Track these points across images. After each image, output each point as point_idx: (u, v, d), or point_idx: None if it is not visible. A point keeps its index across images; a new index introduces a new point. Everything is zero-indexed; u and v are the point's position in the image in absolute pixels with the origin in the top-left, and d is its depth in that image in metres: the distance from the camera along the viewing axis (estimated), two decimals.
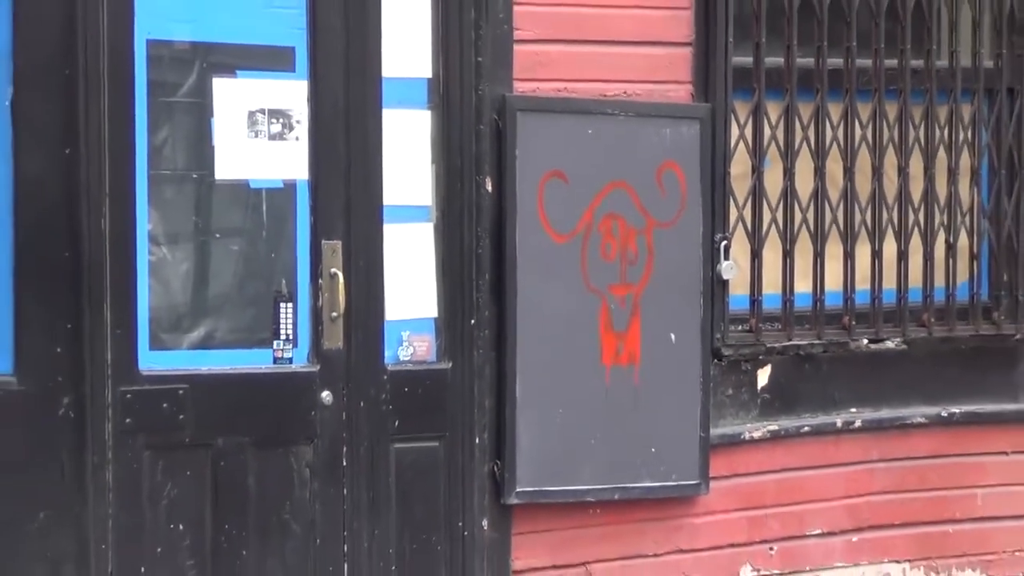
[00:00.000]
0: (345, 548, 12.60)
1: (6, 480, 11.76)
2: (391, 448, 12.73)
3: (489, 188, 12.93)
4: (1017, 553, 14.82)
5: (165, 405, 12.16)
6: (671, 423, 13.53)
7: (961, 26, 14.68)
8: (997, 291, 14.86)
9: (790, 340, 14.05)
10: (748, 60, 13.83)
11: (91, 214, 11.89)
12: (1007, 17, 14.77)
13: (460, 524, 12.91)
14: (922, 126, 14.46)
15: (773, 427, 13.99)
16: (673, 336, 13.48)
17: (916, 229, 14.48)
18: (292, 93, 12.54)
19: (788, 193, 14.02)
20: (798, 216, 14.07)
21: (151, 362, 12.16)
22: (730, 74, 13.75)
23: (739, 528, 13.85)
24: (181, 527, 12.18)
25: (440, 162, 12.94)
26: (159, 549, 12.11)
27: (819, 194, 14.13)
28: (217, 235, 12.53)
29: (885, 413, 14.39)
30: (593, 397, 13.24)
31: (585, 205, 13.18)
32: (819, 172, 14.12)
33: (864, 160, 14.27)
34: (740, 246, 13.86)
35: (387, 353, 12.79)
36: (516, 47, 13.00)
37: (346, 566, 12.59)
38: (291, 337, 12.56)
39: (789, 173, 14.03)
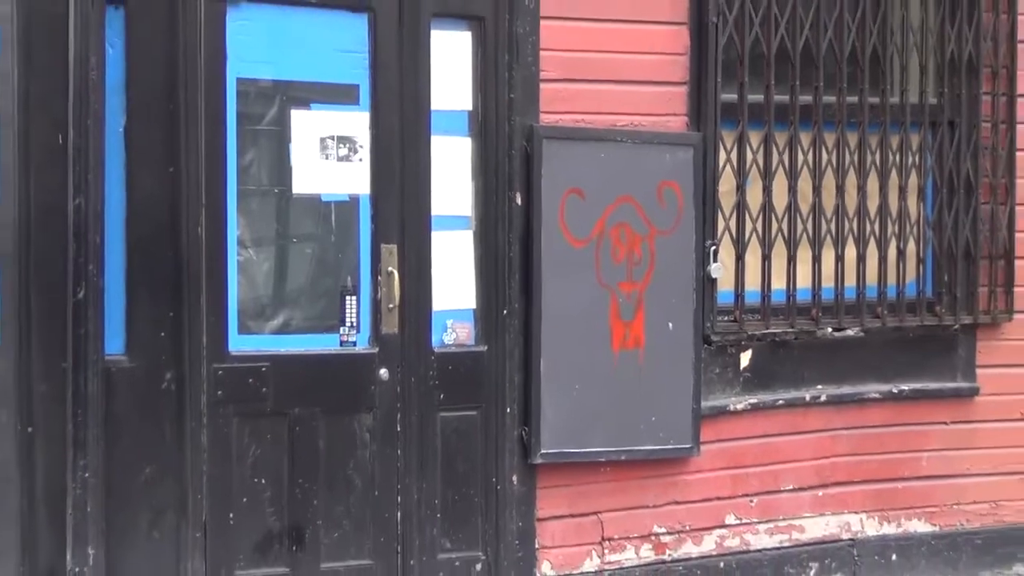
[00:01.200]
0: (398, 499, 12.63)
1: (120, 441, 11.82)
2: (437, 416, 12.78)
3: (519, 202, 12.94)
4: (955, 506, 14.79)
5: (251, 380, 12.21)
6: (669, 397, 13.54)
7: (910, 70, 14.64)
8: (939, 289, 14.81)
9: (768, 329, 14.05)
10: (733, 97, 13.80)
11: (190, 222, 11.94)
12: (948, 63, 14.73)
13: (494, 480, 12.96)
14: (877, 152, 14.42)
15: (753, 400, 13.99)
16: (671, 325, 13.48)
17: (872, 237, 14.45)
18: (356, 122, 12.57)
19: (766, 207, 14.02)
20: (775, 226, 14.06)
21: (239, 344, 12.23)
22: (718, 108, 13.73)
23: (724, 484, 13.85)
24: (263, 481, 12.23)
25: (478, 180, 12.96)
26: (244, 499, 12.16)
27: (792, 208, 14.12)
28: (294, 239, 12.60)
29: (846, 389, 14.37)
30: (604, 375, 13.26)
31: (598, 216, 13.19)
32: (792, 190, 14.11)
33: (829, 180, 14.23)
34: (726, 250, 13.83)
35: (434, 337, 12.83)
36: (542, 85, 13.02)
37: (399, 514, 12.62)
38: (355, 324, 12.59)
39: (767, 190, 14.03)
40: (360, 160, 12.59)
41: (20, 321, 11.88)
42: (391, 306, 12.62)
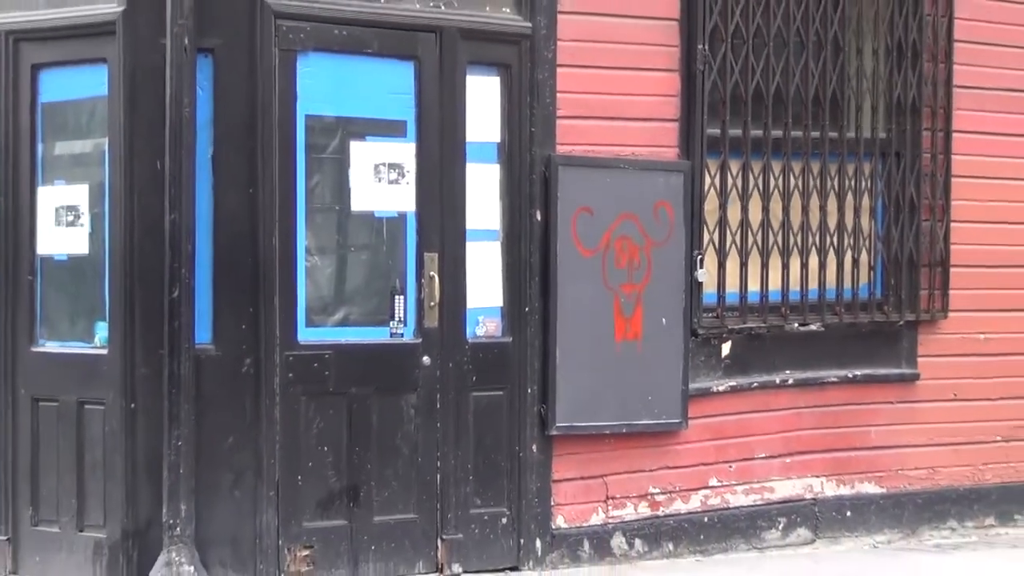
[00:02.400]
0: (438, 464, 12.60)
1: (207, 415, 11.83)
2: (470, 396, 12.75)
3: (539, 218, 12.91)
4: (899, 471, 14.75)
5: (316, 365, 12.20)
6: (662, 380, 13.51)
7: (864, 110, 14.60)
8: (887, 291, 14.78)
9: (744, 324, 14.01)
10: (717, 131, 13.75)
11: (266, 233, 11.92)
12: (895, 104, 14.70)
13: (517, 448, 12.93)
14: (836, 178, 14.38)
15: (732, 383, 13.95)
16: (664, 320, 13.45)
17: (832, 248, 14.41)
18: (404, 152, 12.55)
19: (744, 223, 13.98)
20: (750, 239, 14.02)
21: (306, 335, 12.21)
22: (704, 141, 13.69)
23: (708, 452, 13.81)
24: (325, 448, 12.22)
25: (505, 200, 12.94)
26: (310, 464, 12.15)
27: (765, 224, 14.07)
28: (351, 248, 12.60)
29: (809, 374, 14.33)
30: (608, 361, 13.23)
31: (604, 230, 13.16)
32: (765, 209, 14.07)
33: (796, 201, 14.20)
34: (710, 259, 13.78)
35: (468, 330, 12.81)
36: (558, 121, 13.01)
37: (438, 476, 12.58)
38: (402, 319, 12.56)
39: (744, 209, 13.99)
40: (407, 183, 12.57)
41: (125, 316, 11.98)
42: (432, 304, 12.60)
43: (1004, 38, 15.19)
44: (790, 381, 14.29)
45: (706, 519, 13.81)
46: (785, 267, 14.29)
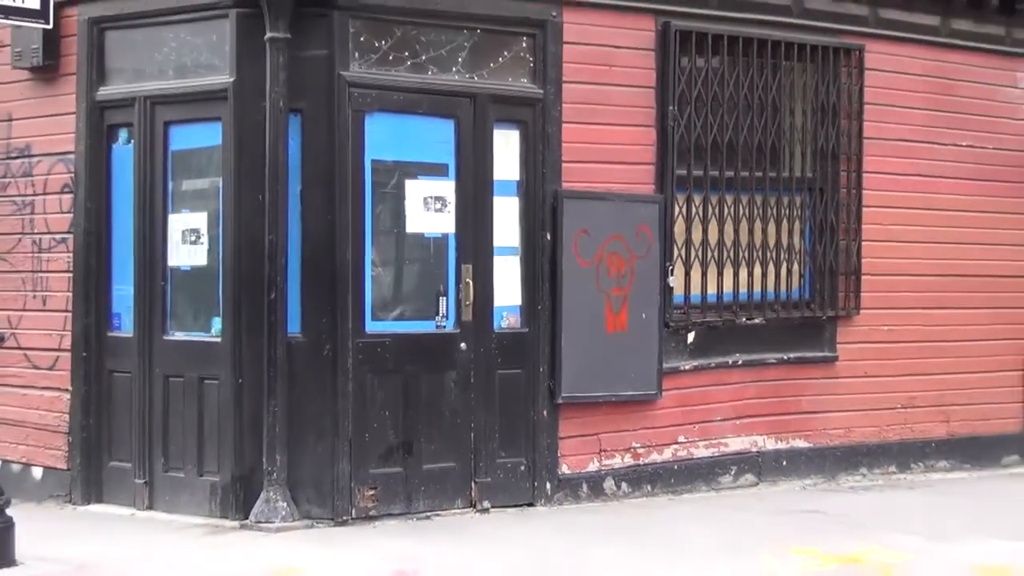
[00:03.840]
0: (471, 425, 12.64)
1: (296, 388, 11.91)
2: (496, 373, 12.78)
3: (548, 238, 12.93)
4: (823, 431, 14.61)
5: (379, 349, 12.26)
6: (642, 360, 13.50)
7: (796, 156, 14.59)
8: (814, 293, 14.70)
9: (705, 318, 13.98)
10: (684, 172, 13.72)
11: (341, 249, 12.01)
12: (819, 151, 14.68)
13: (531, 413, 12.94)
14: (775, 207, 14.37)
15: (695, 363, 13.93)
16: (644, 315, 13.44)
17: (771, 261, 14.39)
18: (446, 188, 12.59)
19: (704, 242, 13.97)
20: (709, 254, 14.00)
21: (372, 327, 12.27)
22: (674, 180, 13.68)
23: (677, 416, 13.79)
24: (386, 413, 12.29)
25: (522, 223, 12.95)
26: (374, 424, 12.22)
27: (720, 242, 14.05)
28: (406, 261, 12.68)
29: (754, 357, 14.28)
30: (601, 347, 13.24)
31: (598, 247, 13.17)
32: (720, 231, 14.04)
33: (744, 225, 14.15)
34: (679, 269, 13.74)
35: (495, 323, 12.83)
36: (563, 164, 13.02)
37: (472, 434, 12.62)
38: (445, 314, 12.59)
39: (705, 231, 13.97)
40: (448, 211, 12.61)
41: (235, 313, 12.11)
42: (467, 303, 12.64)
43: (900, 101, 15.16)
44: (740, 362, 14.26)
45: (676, 467, 13.79)
46: (736, 275, 14.26)
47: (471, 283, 12.66)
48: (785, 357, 14.61)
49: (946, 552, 11.38)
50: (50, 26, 11.33)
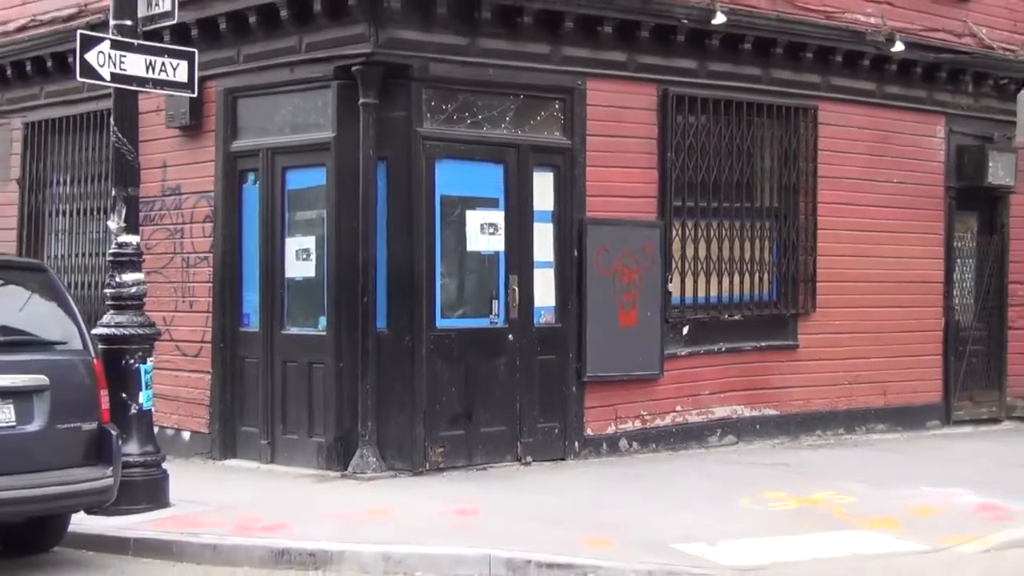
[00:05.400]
0: (517, 398, 12.61)
1: (383, 371, 11.87)
2: (536, 359, 12.74)
3: (576, 254, 12.91)
4: (788, 402, 14.47)
5: (446, 341, 12.25)
6: (647, 348, 13.46)
7: (765, 190, 14.53)
8: (780, 296, 14.61)
9: (696, 315, 13.92)
10: (679, 203, 13.71)
11: (416, 263, 12.03)
12: (783, 187, 14.61)
13: (563, 389, 12.91)
14: (749, 230, 14.32)
15: (689, 350, 13.87)
16: (648, 313, 13.41)
17: (747, 271, 14.32)
18: (497, 217, 12.58)
19: (695, 256, 13.92)
20: (699, 265, 13.93)
21: (441, 323, 12.28)
22: (671, 209, 13.65)
23: (675, 391, 13.73)
24: (452, 390, 12.28)
25: (556, 243, 12.91)
26: (443, 398, 12.21)
27: (708, 257, 14.00)
28: (467, 272, 12.67)
29: (734, 344, 14.20)
30: (616, 338, 13.18)
31: (613, 260, 13.14)
32: (708, 248, 14.00)
33: (726, 243, 14.11)
34: (676, 277, 13.71)
35: (535, 320, 12.79)
36: (587, 198, 13.01)
37: (518, 405, 12.60)
38: (497, 313, 12.58)
39: (696, 248, 13.92)
40: (499, 234, 12.58)
41: (336, 313, 12.10)
42: (514, 305, 12.62)
43: (846, 148, 15.06)
44: (723, 349, 14.19)
45: (674, 430, 13.74)
46: (719, 282, 14.18)
47: (516, 289, 12.64)
48: (758, 345, 14.53)
49: (885, 495, 11.33)
50: (195, 95, 11.34)
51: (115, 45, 10.32)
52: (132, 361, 10.32)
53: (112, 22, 10.51)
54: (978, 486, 11.69)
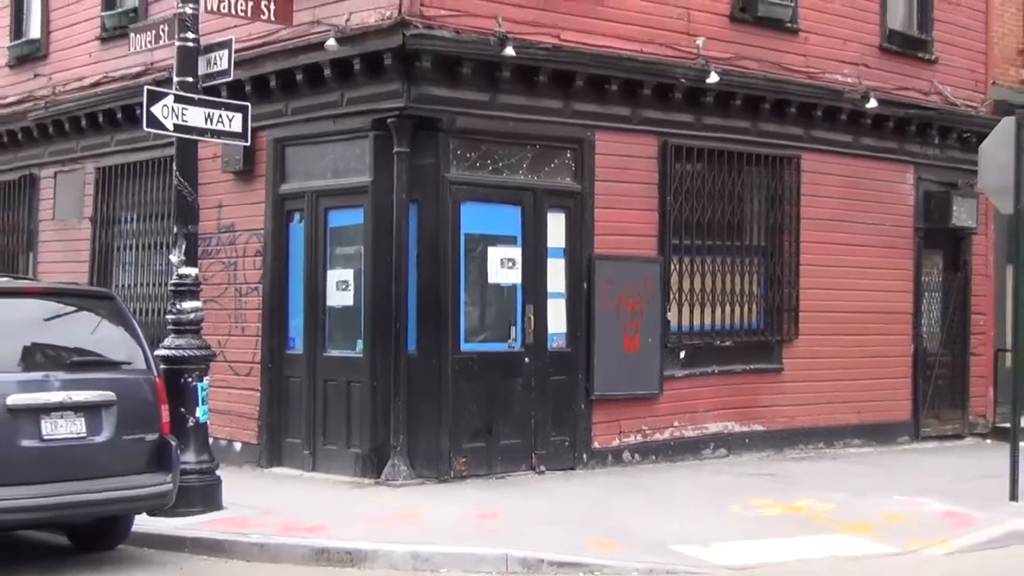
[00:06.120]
0: (532, 414, 12.52)
1: (413, 388, 11.80)
2: (549, 379, 12.67)
3: (585, 287, 12.86)
4: (774, 419, 14.36)
5: (469, 362, 12.18)
6: (648, 370, 13.37)
7: (754, 230, 14.49)
8: (767, 324, 14.56)
9: (691, 341, 13.83)
10: (677, 241, 13.65)
11: (444, 294, 11.98)
12: (769, 227, 14.60)
13: (573, 406, 12.83)
14: (739, 265, 14.26)
15: (686, 372, 13.77)
16: (650, 339, 13.35)
17: (737, 302, 14.24)
18: (515, 252, 12.55)
19: (691, 289, 13.84)
20: (695, 296, 13.86)
21: (464, 347, 12.22)
22: (670, 246, 13.59)
23: (673, 408, 13.62)
24: (474, 407, 12.21)
25: (568, 277, 12.86)
26: (466, 414, 12.14)
27: (703, 289, 13.91)
28: (488, 302, 12.62)
29: (726, 367, 14.10)
30: (621, 361, 13.10)
31: (618, 292, 13.07)
32: (702, 282, 13.93)
33: (719, 277, 14.05)
34: (674, 307, 13.66)
35: (548, 345, 12.72)
36: (595, 236, 12.96)
37: (532, 420, 12.50)
38: (515, 338, 12.53)
39: (692, 281, 13.86)
40: (517, 268, 12.53)
41: (372, 337, 12.02)
42: (530, 331, 12.56)
43: (826, 193, 15.03)
44: (716, 371, 14.10)
45: (672, 443, 13.63)
46: (712, 312, 14.10)
47: (532, 317, 12.59)
48: (747, 368, 14.43)
49: (861, 503, 11.24)
50: (248, 144, 11.39)
51: (178, 99, 10.38)
52: (190, 379, 10.31)
53: (175, 79, 10.57)
54: (943, 495, 11.60)
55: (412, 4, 11.64)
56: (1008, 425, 12.22)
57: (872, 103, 15.09)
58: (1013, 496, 11.25)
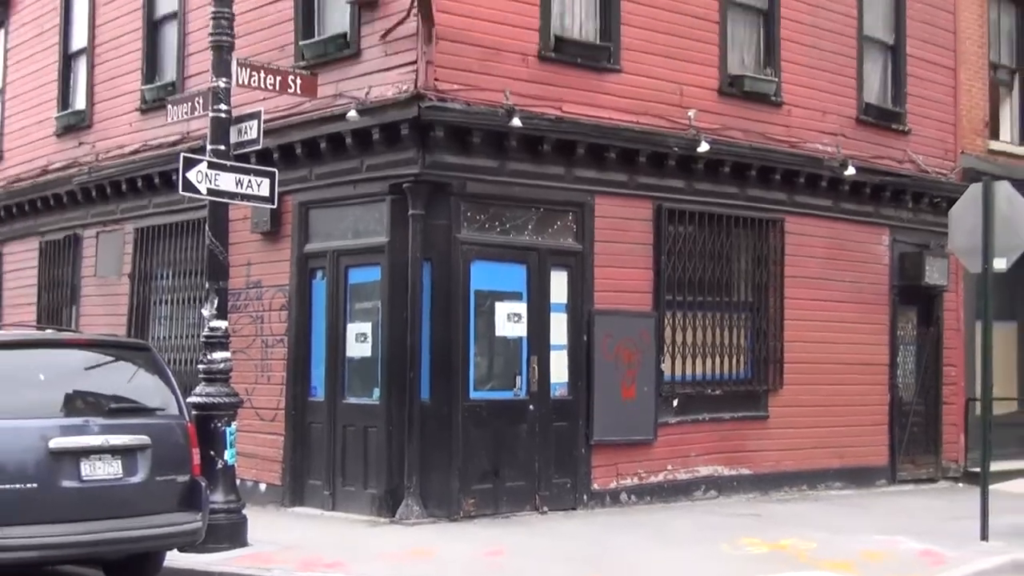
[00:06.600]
0: (535, 458, 12.46)
1: (425, 433, 11.73)
2: (552, 425, 12.62)
3: (585, 339, 12.83)
4: (760, 463, 14.35)
5: (478, 409, 12.14)
6: (644, 416, 13.33)
7: (741, 287, 14.50)
8: (753, 374, 14.51)
9: (684, 390, 13.77)
10: (671, 297, 13.63)
11: (455, 346, 11.95)
12: (755, 284, 14.61)
13: (574, 451, 12.77)
14: (728, 320, 14.25)
15: (678, 419, 13.70)
16: (645, 388, 13.31)
17: (726, 354, 14.20)
18: (521, 307, 12.53)
19: (683, 341, 13.81)
20: (687, 348, 13.84)
21: (474, 395, 12.17)
22: (664, 302, 13.58)
23: (667, 453, 13.56)
24: (482, 452, 12.14)
25: (569, 330, 12.83)
26: (474, 458, 12.07)
27: (694, 342, 13.90)
28: (495, 353, 12.55)
29: (716, 415, 14.03)
30: (619, 408, 13.06)
31: (616, 344, 13.05)
32: (694, 335, 13.91)
33: (709, 331, 14.04)
34: (668, 358, 13.62)
35: (551, 393, 12.67)
36: (595, 293, 12.95)
37: (536, 464, 12.45)
38: (520, 387, 12.49)
39: (684, 335, 13.82)
40: (522, 322, 12.51)
41: (388, 386, 11.99)
42: (534, 380, 12.53)
43: (808, 253, 15.04)
44: (706, 418, 14.03)
45: (666, 485, 13.56)
46: (703, 363, 14.06)
47: (536, 368, 12.57)
48: (735, 415, 14.36)
49: (842, 541, 11.15)
50: (275, 207, 11.43)
51: (211, 166, 10.43)
52: (219, 424, 10.28)
53: (208, 147, 10.62)
54: (919, 535, 11.51)
55: (426, 79, 11.72)
56: (978, 470, 12.13)
57: (850, 170, 15.13)
58: (984, 536, 11.18)
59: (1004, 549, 10.80)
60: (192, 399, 10.19)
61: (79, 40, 17.02)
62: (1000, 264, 11.47)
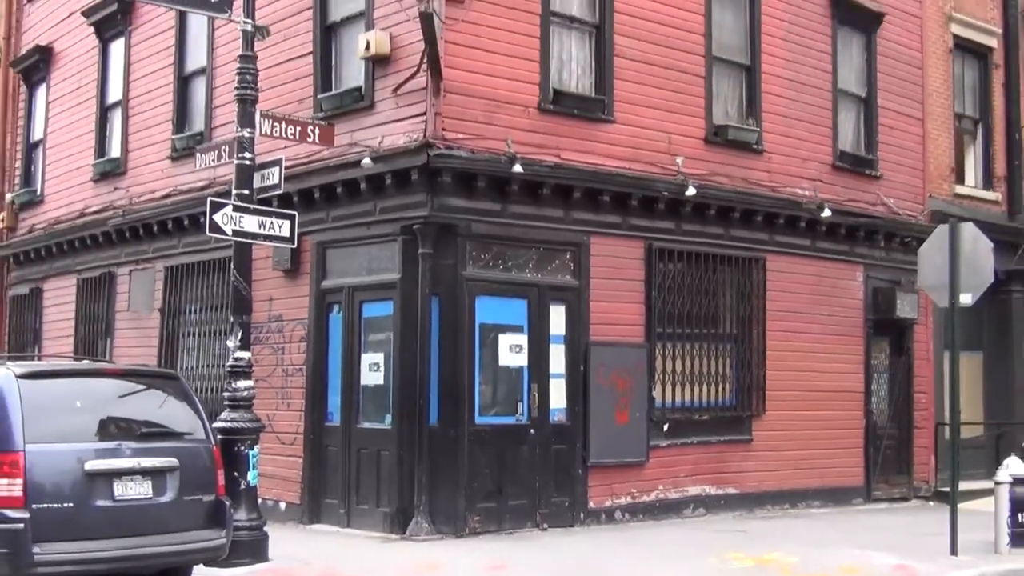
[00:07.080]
0: (536, 478, 12.41)
1: (433, 456, 11.68)
2: (552, 448, 12.59)
3: (582, 369, 12.82)
4: (745, 483, 14.32)
5: (483, 433, 12.10)
6: (637, 440, 13.28)
7: (727, 320, 14.48)
8: (738, 401, 14.47)
9: (674, 416, 13.73)
10: (661, 330, 13.63)
11: (461, 375, 11.91)
12: (739, 317, 14.60)
13: (572, 471, 12.72)
14: (715, 351, 14.20)
15: (669, 442, 13.65)
16: (637, 414, 13.27)
17: (713, 382, 14.17)
18: (522, 339, 12.50)
19: (673, 370, 13.78)
20: (676, 376, 13.81)
21: (479, 420, 12.13)
22: (655, 334, 13.57)
23: (659, 473, 13.51)
24: (487, 471, 12.08)
25: (567, 359, 12.81)
26: (480, 477, 12.00)
27: (683, 371, 13.86)
28: (499, 382, 12.50)
29: (704, 438, 13.98)
30: (613, 432, 13.02)
31: (611, 373, 13.03)
32: (683, 364, 13.87)
33: (697, 359, 14.00)
34: (659, 386, 13.60)
35: (551, 418, 12.63)
36: (591, 326, 12.95)
37: (536, 483, 12.40)
38: (522, 412, 12.45)
39: (674, 364, 13.81)
40: (523, 353, 12.50)
41: (399, 412, 11.93)
42: (534, 406, 12.51)
43: (788, 289, 15.05)
44: (695, 441, 13.97)
45: (657, 504, 13.50)
46: (692, 390, 14.01)
47: (536, 395, 12.55)
48: (721, 439, 14.31)
49: (822, 556, 11.09)
50: (295, 246, 11.47)
51: (236, 209, 10.47)
52: (243, 448, 10.26)
53: (234, 191, 10.66)
54: (893, 550, 11.45)
55: (435, 129, 11.77)
56: (948, 489, 12.10)
57: (827, 213, 15.16)
58: (953, 551, 11.14)
59: (972, 563, 10.78)
60: (217, 424, 10.16)
61: (115, 94, 17.12)
62: (966, 299, 11.50)
